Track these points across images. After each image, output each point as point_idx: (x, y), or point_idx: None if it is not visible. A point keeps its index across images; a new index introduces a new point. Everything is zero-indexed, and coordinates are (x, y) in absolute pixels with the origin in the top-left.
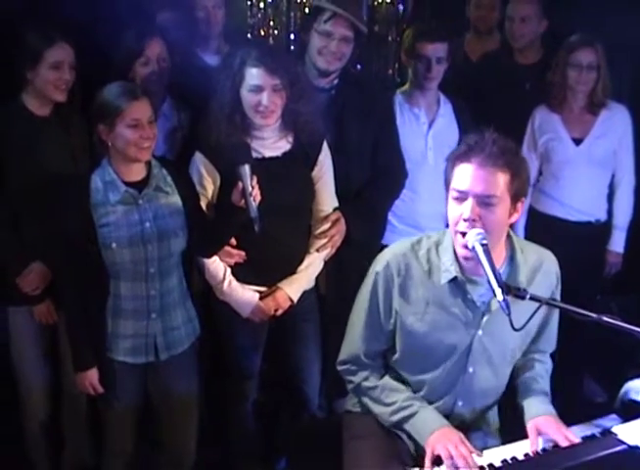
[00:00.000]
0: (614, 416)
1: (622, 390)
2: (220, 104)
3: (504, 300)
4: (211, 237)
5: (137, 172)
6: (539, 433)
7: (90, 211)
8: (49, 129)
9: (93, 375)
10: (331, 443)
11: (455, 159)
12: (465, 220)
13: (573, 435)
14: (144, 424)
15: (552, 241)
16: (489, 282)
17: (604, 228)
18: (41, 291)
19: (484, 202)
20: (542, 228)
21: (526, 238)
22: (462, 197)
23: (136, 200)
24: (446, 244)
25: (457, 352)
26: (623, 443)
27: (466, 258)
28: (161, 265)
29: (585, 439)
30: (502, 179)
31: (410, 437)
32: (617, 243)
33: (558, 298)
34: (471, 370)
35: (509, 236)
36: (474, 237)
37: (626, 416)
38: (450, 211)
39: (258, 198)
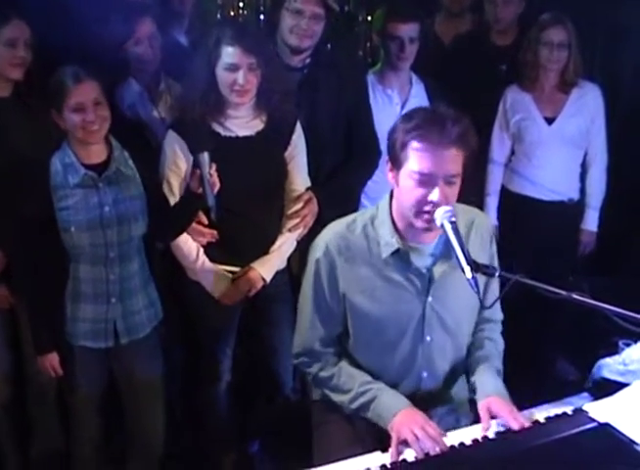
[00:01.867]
0: (585, 394)
1: (594, 368)
2: (194, 83)
3: (473, 277)
4: (171, 222)
5: (97, 155)
6: (490, 413)
7: (50, 193)
8: (9, 110)
9: (54, 358)
10: (304, 426)
11: (411, 139)
12: (434, 203)
13: (524, 417)
14: (118, 412)
15: (525, 221)
16: (458, 260)
17: (577, 207)
18: None
19: (450, 181)
20: (515, 208)
21: (499, 218)
22: (427, 180)
23: (96, 183)
24: (382, 218)
25: (411, 322)
26: (594, 420)
27: (428, 230)
28: (121, 250)
29: (557, 416)
30: (461, 157)
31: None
32: (591, 222)
33: (495, 253)
34: (428, 339)
35: None
36: (442, 214)
37: (598, 394)
38: (408, 191)
39: (216, 186)
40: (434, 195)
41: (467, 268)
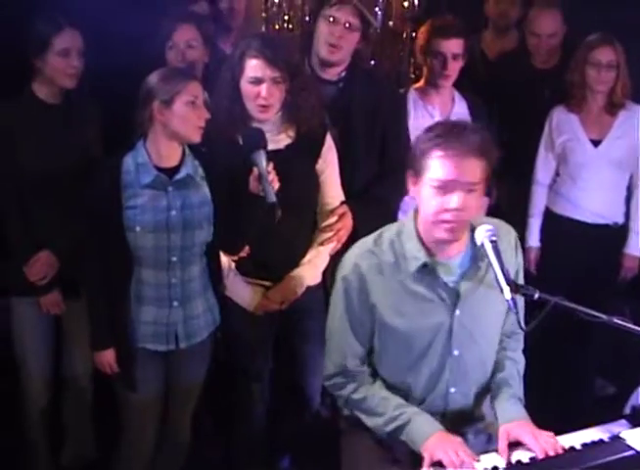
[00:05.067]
0: (623, 421)
1: (633, 394)
2: (220, 96)
3: (512, 298)
4: (235, 231)
5: (171, 159)
6: (510, 438)
7: (119, 192)
8: (60, 117)
9: (110, 355)
10: (334, 441)
11: (431, 147)
12: (450, 211)
13: (548, 435)
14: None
15: (568, 243)
16: (498, 280)
17: (621, 231)
18: (48, 281)
19: (470, 189)
20: (558, 230)
21: (542, 240)
22: (446, 186)
23: (165, 186)
24: (408, 231)
25: (439, 336)
26: (632, 448)
27: (450, 240)
28: (183, 255)
29: (593, 443)
30: (481, 167)
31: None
32: (635, 246)
33: (521, 265)
34: (456, 353)
35: None
36: (483, 233)
37: (636, 421)
38: (428, 200)
39: (276, 183)
40: (453, 202)
41: (506, 289)
